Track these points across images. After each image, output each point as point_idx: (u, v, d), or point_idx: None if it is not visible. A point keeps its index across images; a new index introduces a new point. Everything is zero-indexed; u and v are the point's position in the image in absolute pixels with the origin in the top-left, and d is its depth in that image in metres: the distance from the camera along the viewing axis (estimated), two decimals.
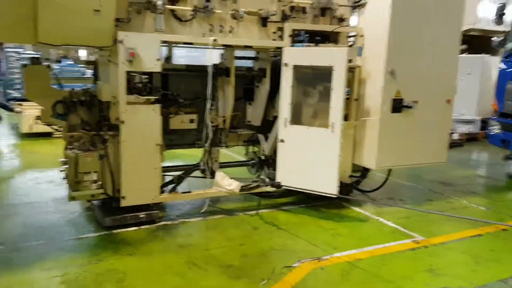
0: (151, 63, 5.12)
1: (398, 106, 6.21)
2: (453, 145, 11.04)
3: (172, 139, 6.47)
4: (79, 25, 4.72)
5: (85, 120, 5.48)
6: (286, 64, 5.79)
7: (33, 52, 15.55)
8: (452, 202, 7.10)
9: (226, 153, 8.94)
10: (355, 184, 6.80)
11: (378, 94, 6.15)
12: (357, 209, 6.49)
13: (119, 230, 5.26)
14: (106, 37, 4.91)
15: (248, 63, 6.96)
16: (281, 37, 6.02)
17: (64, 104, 5.44)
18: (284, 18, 6.02)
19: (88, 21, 4.72)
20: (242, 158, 7.37)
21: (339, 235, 5.56)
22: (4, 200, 6.43)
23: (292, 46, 5.92)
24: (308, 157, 5.84)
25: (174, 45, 6.25)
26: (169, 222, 5.65)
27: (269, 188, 6.15)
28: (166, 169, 6.12)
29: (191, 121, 6.24)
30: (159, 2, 5.14)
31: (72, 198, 5.13)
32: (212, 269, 4.53)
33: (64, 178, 5.22)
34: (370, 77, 6.30)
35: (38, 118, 9.38)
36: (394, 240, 5.41)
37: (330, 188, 5.78)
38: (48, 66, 5.62)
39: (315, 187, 5.90)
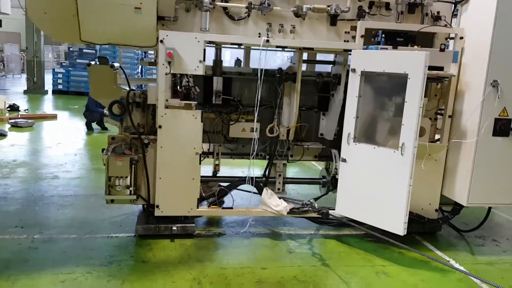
0: (193, 65, 4.71)
1: (503, 128, 4.82)
2: None
3: (232, 148, 6.03)
4: (119, 24, 4.54)
5: (139, 123, 5.29)
6: (353, 70, 4.86)
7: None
8: None
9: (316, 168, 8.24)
10: (442, 221, 5.49)
11: (477, 111, 4.83)
12: (430, 246, 5.31)
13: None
14: (149, 37, 4.66)
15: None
16: (354, 38, 5.10)
17: (120, 104, 5.31)
18: (361, 15, 5.09)
19: (129, 19, 4.51)
20: None
21: (386, 274, 4.57)
22: (71, 190, 6.71)
23: (365, 49, 4.96)
24: (373, 183, 4.83)
25: (254, 47, 5.71)
26: (203, 232, 5.33)
27: (317, 215, 5.27)
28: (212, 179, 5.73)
29: (254, 129, 5.67)
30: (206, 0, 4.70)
31: (110, 201, 4.97)
32: None
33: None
34: (469, 89, 5.00)
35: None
36: None
37: (396, 225, 4.69)
38: (112, 66, 5.57)
39: (377, 222, 4.86)
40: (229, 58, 7.13)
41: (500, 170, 4.92)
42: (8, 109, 13.91)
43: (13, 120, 11.75)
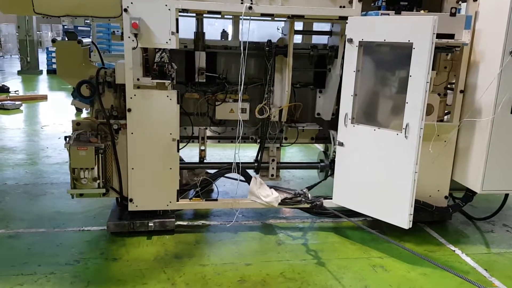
0: (164, 37, 4.07)
1: None
2: None
3: (219, 131, 5.46)
4: None
5: (113, 105, 4.70)
6: (350, 40, 4.21)
7: None
8: None
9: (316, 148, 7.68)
10: (452, 209, 4.91)
11: (493, 85, 4.18)
12: (435, 234, 4.83)
13: None
14: (112, 5, 4.06)
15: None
16: (351, 3, 4.43)
17: (89, 85, 4.73)
18: None
19: None
20: None
21: (383, 267, 4.11)
22: (48, 178, 6.23)
23: (364, 15, 4.30)
24: (373, 170, 4.24)
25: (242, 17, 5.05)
26: (185, 223, 4.87)
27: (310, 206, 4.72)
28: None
29: (243, 110, 5.08)
30: None
31: (79, 195, 4.42)
32: None
33: None
34: (484, 59, 4.34)
35: None
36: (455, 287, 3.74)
37: (400, 218, 4.12)
38: (79, 42, 4.98)
39: (379, 213, 4.30)
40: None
41: None
42: None
43: (0, 102, 11.23)
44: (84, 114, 10.53)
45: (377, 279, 3.95)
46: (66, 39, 5.14)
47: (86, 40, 5.25)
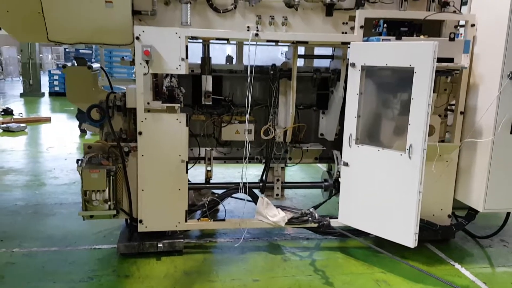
0: (174, 63, 4.21)
1: None
2: None
3: (225, 152, 5.58)
4: (89, 20, 4.09)
5: (122, 128, 4.82)
6: (353, 65, 4.37)
7: None
8: None
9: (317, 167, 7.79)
10: (455, 228, 5.00)
11: (492, 107, 4.33)
12: (435, 250, 4.97)
13: None
14: (124, 33, 4.20)
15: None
16: (353, 29, 4.60)
17: (99, 109, 4.86)
18: (359, 4, 4.58)
19: (100, 14, 4.07)
20: None
21: (386, 282, 4.24)
22: (57, 198, 6.33)
23: (366, 40, 4.46)
24: (378, 189, 4.35)
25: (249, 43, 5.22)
26: (193, 241, 5.01)
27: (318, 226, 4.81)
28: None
29: (248, 131, 5.20)
30: None
31: (89, 217, 4.51)
32: None
33: None
34: (482, 82, 4.49)
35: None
36: None
37: (404, 236, 4.21)
38: (90, 67, 5.12)
39: (384, 232, 4.38)
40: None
41: None
42: (2, 113, 13.54)
43: (5, 125, 11.35)
44: (88, 136, 10.64)
45: None
46: (76, 64, 5.26)
47: (95, 65, 5.40)
